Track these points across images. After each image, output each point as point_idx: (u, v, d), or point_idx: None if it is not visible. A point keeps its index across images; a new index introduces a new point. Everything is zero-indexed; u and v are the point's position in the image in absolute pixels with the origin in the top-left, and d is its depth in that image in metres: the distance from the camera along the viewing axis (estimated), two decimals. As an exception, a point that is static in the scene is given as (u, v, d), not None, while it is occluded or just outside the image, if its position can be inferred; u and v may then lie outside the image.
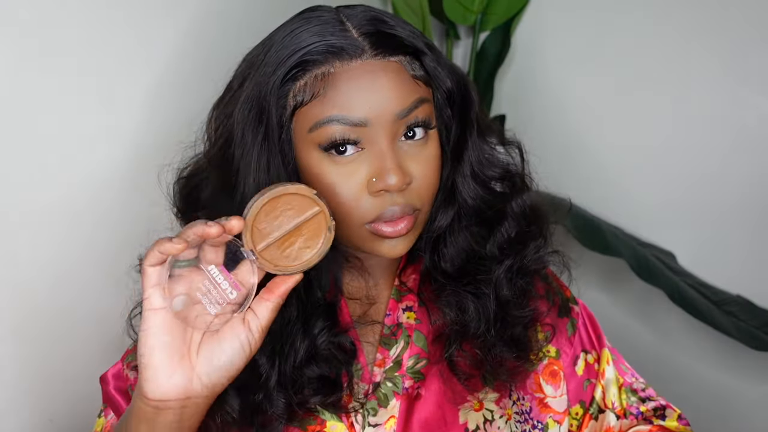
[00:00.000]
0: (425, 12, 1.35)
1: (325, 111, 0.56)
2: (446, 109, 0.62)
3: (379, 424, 0.64)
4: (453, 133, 0.63)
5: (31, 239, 0.76)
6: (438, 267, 0.66)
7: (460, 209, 0.64)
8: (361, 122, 0.56)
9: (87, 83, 0.80)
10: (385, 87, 0.56)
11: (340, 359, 0.62)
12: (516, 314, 0.65)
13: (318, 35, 0.57)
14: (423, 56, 0.59)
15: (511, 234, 0.65)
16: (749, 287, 1.24)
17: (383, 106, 0.56)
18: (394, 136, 0.57)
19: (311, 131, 0.56)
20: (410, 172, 0.58)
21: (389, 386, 0.65)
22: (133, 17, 0.84)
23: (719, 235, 1.29)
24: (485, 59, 1.44)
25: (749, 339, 1.15)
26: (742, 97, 1.24)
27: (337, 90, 0.56)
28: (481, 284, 0.64)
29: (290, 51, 0.57)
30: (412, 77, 0.58)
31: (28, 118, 0.74)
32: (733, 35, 1.22)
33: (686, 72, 1.27)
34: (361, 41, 0.57)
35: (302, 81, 0.57)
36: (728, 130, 1.25)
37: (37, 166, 0.76)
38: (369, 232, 0.59)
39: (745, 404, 1.31)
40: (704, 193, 1.29)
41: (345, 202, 0.57)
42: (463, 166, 0.63)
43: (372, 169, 0.57)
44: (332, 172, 0.57)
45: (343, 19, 0.59)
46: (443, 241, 0.65)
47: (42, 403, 0.80)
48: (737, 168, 1.26)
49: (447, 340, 0.65)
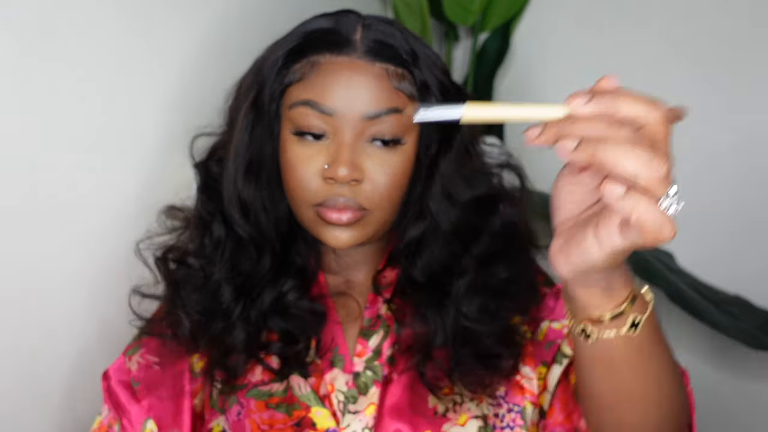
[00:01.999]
0: (425, 13, 1.35)
1: (304, 93, 0.61)
2: (431, 131, 0.65)
3: (359, 411, 0.66)
4: (430, 151, 0.66)
5: (32, 237, 0.76)
6: (410, 277, 0.68)
7: (431, 224, 0.67)
8: (329, 111, 0.60)
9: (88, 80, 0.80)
10: (361, 86, 0.60)
11: (308, 321, 0.68)
12: (479, 329, 0.65)
13: (323, 26, 0.63)
14: (413, 70, 0.62)
15: (484, 250, 0.67)
16: (748, 287, 1.25)
17: (354, 103, 0.60)
18: (359, 135, 0.61)
19: (290, 109, 0.63)
20: (364, 172, 0.62)
21: (369, 375, 0.67)
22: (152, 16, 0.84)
23: (719, 235, 1.29)
24: (485, 59, 1.44)
25: (748, 339, 1.15)
26: (742, 97, 1.24)
27: (320, 78, 0.61)
28: (446, 298, 0.66)
29: (296, 36, 0.63)
30: (394, 88, 0.61)
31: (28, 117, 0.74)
32: (734, 35, 1.22)
33: (686, 71, 1.27)
34: (358, 40, 0.62)
35: (299, 63, 0.62)
36: (728, 130, 1.26)
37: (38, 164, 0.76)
38: (315, 213, 0.64)
39: (745, 404, 1.32)
40: (704, 192, 1.29)
41: (299, 181, 0.63)
42: (433, 184, 0.66)
43: (329, 157, 0.61)
44: (298, 152, 0.63)
45: (359, 20, 0.64)
46: (418, 252, 0.68)
47: (42, 404, 0.80)
48: (736, 167, 1.26)
49: (414, 351, 0.67)
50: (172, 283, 0.69)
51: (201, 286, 0.68)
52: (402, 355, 0.68)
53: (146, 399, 0.69)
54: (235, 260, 0.68)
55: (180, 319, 0.67)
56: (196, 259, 0.68)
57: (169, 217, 0.73)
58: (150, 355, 0.71)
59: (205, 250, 0.68)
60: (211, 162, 0.70)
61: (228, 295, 0.67)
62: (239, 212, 0.66)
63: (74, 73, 0.78)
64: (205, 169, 0.70)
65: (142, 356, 0.71)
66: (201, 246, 0.68)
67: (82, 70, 0.79)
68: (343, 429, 0.65)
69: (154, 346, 0.72)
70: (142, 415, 0.68)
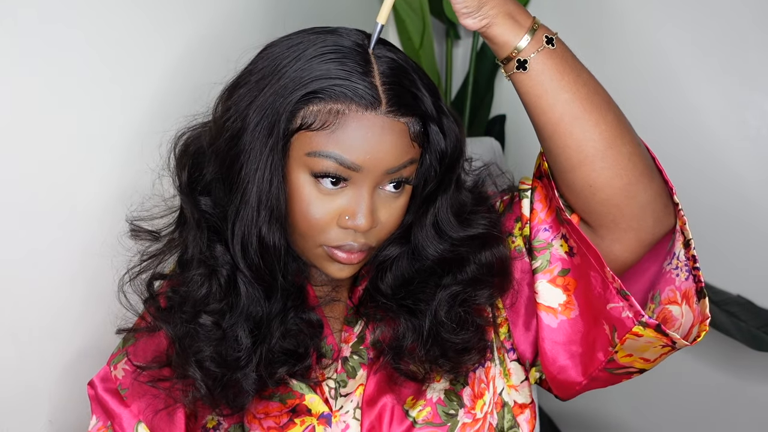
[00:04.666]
0: (425, 12, 1.35)
1: (328, 145, 0.60)
2: (436, 167, 0.67)
3: (350, 393, 0.70)
4: (428, 187, 0.68)
5: (31, 237, 0.76)
6: (377, 288, 0.71)
7: (410, 249, 0.70)
8: (355, 167, 0.61)
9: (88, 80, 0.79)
10: (387, 144, 0.61)
11: (307, 333, 0.69)
12: (447, 338, 0.69)
13: (344, 73, 0.60)
14: (430, 122, 0.63)
15: (469, 277, 0.70)
16: (749, 287, 1.24)
17: (379, 159, 0.61)
18: (377, 184, 0.63)
19: (309, 156, 0.61)
20: (378, 218, 0.64)
21: (356, 359, 0.71)
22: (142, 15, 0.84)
23: (719, 235, 1.29)
24: (485, 59, 1.43)
25: (749, 339, 1.15)
26: (743, 96, 1.24)
27: (345, 131, 0.60)
28: (420, 303, 0.69)
29: (314, 77, 0.60)
30: (412, 138, 0.62)
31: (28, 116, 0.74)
32: (734, 35, 1.22)
33: (686, 71, 1.27)
34: (381, 93, 0.60)
35: (315, 107, 0.60)
36: (728, 129, 1.25)
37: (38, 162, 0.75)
38: (325, 252, 0.65)
39: (745, 404, 1.32)
40: (704, 192, 1.29)
41: (314, 224, 0.63)
42: (425, 218, 0.69)
43: (348, 206, 0.62)
44: (313, 194, 0.62)
45: (371, 59, 0.62)
46: (388, 267, 0.71)
47: (41, 404, 0.80)
48: (737, 167, 1.26)
49: (387, 350, 0.70)
50: (178, 339, 0.66)
51: (217, 339, 0.65)
52: (377, 356, 0.71)
53: (135, 404, 0.69)
54: (249, 307, 0.66)
55: (192, 375, 0.64)
56: (208, 315, 0.65)
57: (136, 238, 0.70)
58: (136, 362, 0.71)
59: (214, 298, 0.65)
60: (200, 197, 0.66)
61: (247, 343, 0.65)
62: (261, 260, 0.64)
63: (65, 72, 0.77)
64: (195, 203, 0.66)
65: (128, 363, 0.71)
66: (208, 294, 0.65)
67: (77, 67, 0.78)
68: (337, 411, 0.69)
69: (141, 351, 0.71)
70: (132, 419, 0.68)
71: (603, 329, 0.66)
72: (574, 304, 0.69)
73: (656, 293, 0.69)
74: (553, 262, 0.69)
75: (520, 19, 0.62)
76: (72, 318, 0.82)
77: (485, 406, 0.71)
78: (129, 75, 0.85)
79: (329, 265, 0.66)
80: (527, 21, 0.62)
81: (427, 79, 0.65)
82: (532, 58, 0.61)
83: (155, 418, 0.68)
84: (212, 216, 0.66)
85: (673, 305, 0.67)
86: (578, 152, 0.63)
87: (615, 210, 0.64)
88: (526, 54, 0.61)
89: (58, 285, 0.80)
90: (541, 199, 0.71)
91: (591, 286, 0.66)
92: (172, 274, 0.70)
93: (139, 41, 0.85)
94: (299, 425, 0.68)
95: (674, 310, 0.67)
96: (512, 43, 0.61)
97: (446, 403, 0.70)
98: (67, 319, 0.81)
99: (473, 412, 0.70)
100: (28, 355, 0.77)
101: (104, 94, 0.82)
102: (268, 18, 1.06)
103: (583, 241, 0.66)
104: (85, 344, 0.83)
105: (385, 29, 1.53)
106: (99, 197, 0.83)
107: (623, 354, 0.66)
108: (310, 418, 0.69)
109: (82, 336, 0.83)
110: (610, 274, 0.64)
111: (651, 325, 0.62)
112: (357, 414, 0.69)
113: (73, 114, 0.78)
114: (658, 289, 0.69)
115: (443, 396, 0.70)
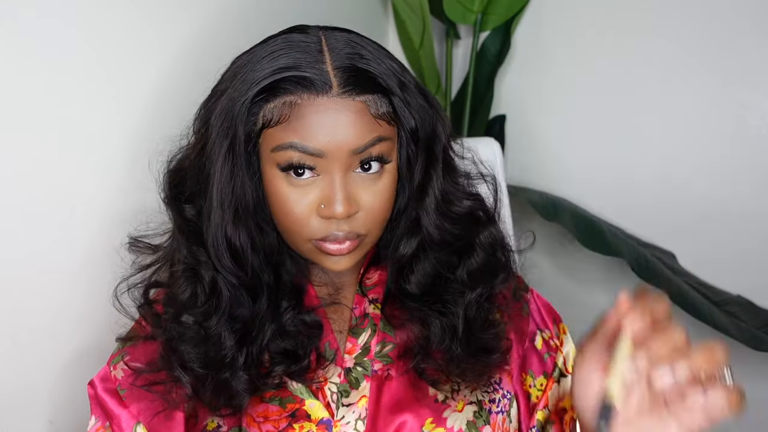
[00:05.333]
0: (425, 12, 1.35)
1: (287, 136, 0.61)
2: (411, 146, 0.66)
3: (352, 404, 0.69)
4: (417, 168, 0.67)
5: (31, 237, 0.76)
6: (404, 290, 0.70)
7: (424, 240, 0.69)
8: (317, 152, 0.61)
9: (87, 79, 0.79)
10: (344, 124, 0.60)
11: (305, 334, 0.69)
12: (479, 335, 0.69)
13: (294, 64, 0.61)
14: (392, 96, 0.63)
15: (480, 262, 0.70)
16: (749, 287, 1.24)
17: (340, 141, 0.60)
18: (347, 168, 0.62)
19: (273, 151, 0.62)
20: (358, 202, 0.63)
21: (359, 370, 0.71)
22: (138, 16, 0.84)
23: (720, 235, 1.29)
24: (485, 59, 1.43)
25: (750, 339, 1.15)
26: (743, 97, 1.24)
27: (301, 120, 0.60)
28: (448, 304, 0.69)
29: (265, 73, 0.61)
30: (375, 116, 0.62)
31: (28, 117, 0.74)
32: (734, 35, 1.22)
33: (686, 71, 1.27)
34: (332, 77, 0.61)
35: (272, 103, 0.61)
36: (729, 130, 1.25)
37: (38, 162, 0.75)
38: (315, 246, 0.65)
39: (746, 405, 1.31)
40: (705, 192, 1.29)
41: (296, 220, 0.63)
42: (427, 200, 0.68)
43: (322, 195, 0.62)
44: (287, 190, 0.63)
45: (324, 48, 0.62)
46: (409, 267, 0.70)
47: (41, 404, 0.80)
48: (738, 168, 1.26)
49: (413, 354, 0.70)
50: (166, 341, 0.67)
51: (200, 340, 0.66)
52: (401, 358, 0.71)
53: (134, 404, 0.68)
54: (233, 308, 0.66)
55: (179, 377, 0.65)
56: (190, 315, 0.66)
57: (134, 252, 0.71)
58: (135, 362, 0.71)
59: (198, 300, 0.66)
60: (184, 205, 0.67)
61: (230, 343, 0.66)
62: (231, 261, 0.65)
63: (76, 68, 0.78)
64: (178, 211, 0.68)
65: (127, 363, 0.70)
66: (193, 297, 0.66)
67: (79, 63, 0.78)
68: (338, 421, 0.68)
69: (139, 353, 0.71)
70: (131, 420, 0.68)
71: None
72: None
73: None
74: None
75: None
76: (72, 318, 0.82)
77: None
78: (128, 75, 0.85)
79: (324, 258, 0.66)
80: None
81: (388, 57, 0.65)
82: None
83: (154, 420, 0.68)
84: (195, 222, 0.66)
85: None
86: None
87: None
88: None
89: (58, 285, 0.80)
90: None
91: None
92: (164, 282, 0.71)
93: (137, 41, 0.85)
94: (298, 430, 0.68)
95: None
96: None
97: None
98: (67, 319, 0.81)
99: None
100: (28, 355, 0.77)
101: (103, 93, 0.82)
102: (269, 19, 1.06)
103: None
104: (85, 344, 0.83)
105: (385, 29, 1.53)
106: (99, 197, 0.83)
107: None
108: (309, 423, 0.68)
109: (82, 336, 0.83)
110: None
111: None
112: (359, 426, 0.68)
113: (72, 114, 0.78)
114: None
115: (465, 427, 0.69)
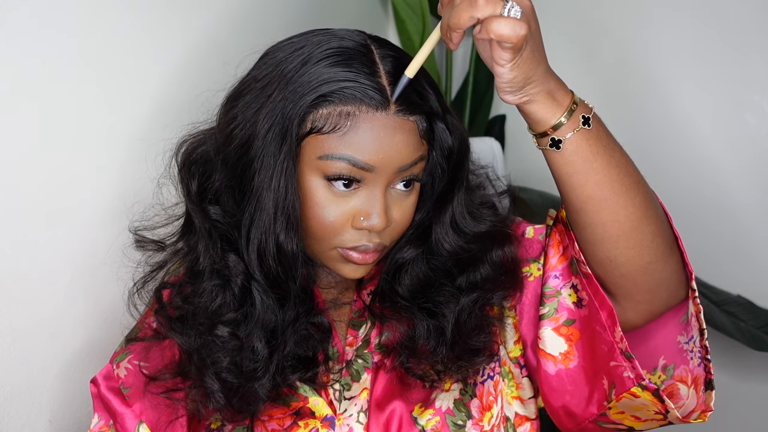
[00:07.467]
0: (425, 12, 1.35)
1: (340, 147, 0.61)
2: (442, 164, 0.67)
3: (354, 396, 0.70)
4: (439, 184, 0.68)
5: (31, 237, 0.76)
6: (394, 290, 0.71)
7: (430, 249, 0.70)
8: (368, 167, 0.61)
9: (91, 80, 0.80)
10: (398, 143, 0.61)
11: (316, 338, 0.69)
12: (467, 340, 0.69)
13: (352, 75, 0.61)
14: (437, 119, 0.64)
15: (484, 275, 0.70)
16: (749, 287, 1.24)
17: (391, 158, 0.61)
18: (389, 183, 0.63)
19: (321, 159, 0.61)
20: (391, 217, 0.64)
21: (360, 363, 0.71)
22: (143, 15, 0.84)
23: (720, 235, 1.29)
24: (485, 59, 1.43)
25: (749, 339, 1.15)
26: (743, 97, 1.24)
27: (356, 132, 0.60)
28: (440, 305, 0.69)
29: (323, 80, 0.60)
30: (421, 136, 0.63)
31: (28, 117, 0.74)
32: (734, 35, 1.22)
33: (686, 71, 1.27)
34: (389, 93, 0.61)
35: (325, 110, 0.61)
36: (729, 130, 1.25)
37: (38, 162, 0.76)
38: (339, 254, 0.65)
39: (745, 404, 1.31)
40: (704, 192, 1.29)
41: (328, 227, 0.63)
42: (444, 215, 0.69)
43: (362, 207, 0.63)
44: (326, 197, 0.63)
45: (376, 59, 0.62)
46: (405, 269, 0.71)
47: (41, 404, 0.80)
48: (738, 167, 1.26)
49: (398, 352, 0.70)
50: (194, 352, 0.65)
51: (235, 350, 0.65)
52: (388, 355, 0.71)
53: (137, 404, 0.68)
54: (264, 315, 0.66)
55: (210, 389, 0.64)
56: (224, 326, 0.65)
57: (141, 249, 0.70)
58: (143, 363, 0.70)
59: (228, 308, 0.65)
60: (209, 206, 0.66)
61: (264, 353, 0.65)
62: (278, 268, 0.64)
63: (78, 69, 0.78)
64: (203, 213, 0.66)
65: (130, 362, 0.70)
66: (223, 305, 0.65)
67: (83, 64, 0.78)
68: (341, 414, 0.69)
69: (142, 351, 0.71)
70: (134, 419, 0.68)
71: (602, 383, 0.66)
72: (574, 354, 0.69)
73: (670, 366, 0.70)
74: (559, 311, 0.69)
75: (560, 98, 0.60)
76: (72, 318, 0.82)
77: (493, 419, 0.71)
78: (129, 77, 0.85)
79: (343, 266, 0.66)
80: (566, 99, 0.60)
81: (429, 77, 0.65)
82: (566, 138, 0.60)
83: (157, 421, 0.68)
84: (223, 225, 0.65)
85: (683, 384, 0.68)
86: (603, 230, 0.63)
87: (631, 284, 0.65)
88: (561, 134, 0.60)
89: (58, 285, 0.80)
90: (555, 245, 0.71)
91: (595, 341, 0.66)
92: (175, 283, 0.69)
93: (137, 38, 0.85)
94: (303, 428, 0.68)
95: (682, 389, 0.68)
96: (549, 122, 0.60)
97: (455, 413, 0.70)
98: (67, 319, 0.81)
99: (481, 424, 0.70)
100: (28, 355, 0.77)
101: (105, 95, 0.82)
102: (268, 20, 1.06)
103: (599, 298, 0.65)
104: (85, 344, 0.83)
105: (386, 29, 1.53)
106: (99, 198, 0.83)
107: (616, 411, 0.67)
108: (314, 420, 0.68)
109: (82, 336, 0.83)
110: (620, 334, 0.63)
111: (650, 389, 0.62)
112: (361, 418, 0.69)
113: (73, 115, 0.78)
114: (672, 362, 0.70)
115: (452, 405, 0.70)
